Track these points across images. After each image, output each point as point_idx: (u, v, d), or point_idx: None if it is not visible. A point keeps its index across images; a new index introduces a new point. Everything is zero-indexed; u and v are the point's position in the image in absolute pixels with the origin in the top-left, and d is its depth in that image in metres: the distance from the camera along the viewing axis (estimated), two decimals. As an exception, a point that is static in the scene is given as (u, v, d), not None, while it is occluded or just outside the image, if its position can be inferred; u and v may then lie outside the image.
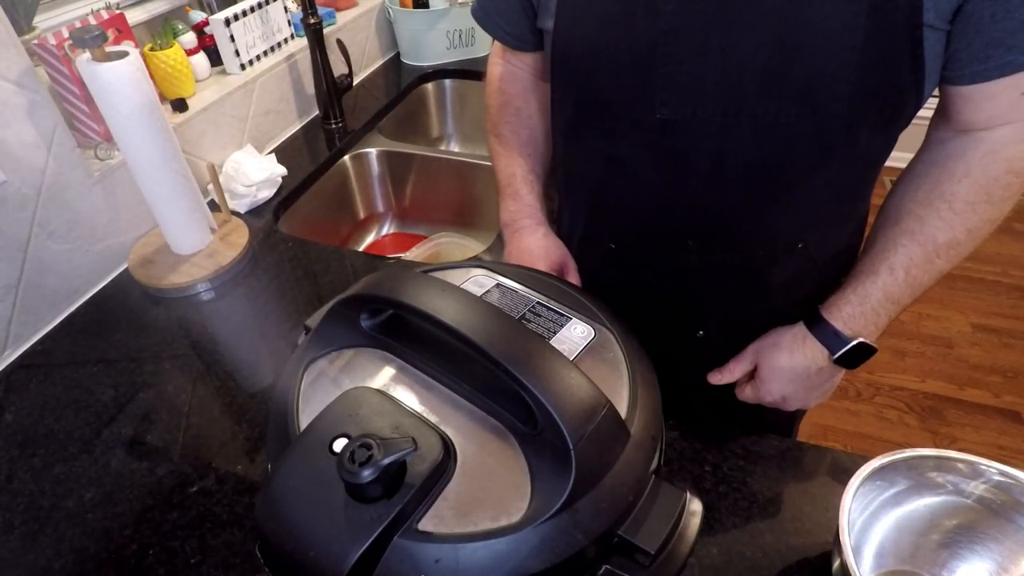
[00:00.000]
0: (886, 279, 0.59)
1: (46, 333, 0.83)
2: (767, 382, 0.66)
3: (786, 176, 0.56)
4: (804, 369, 0.63)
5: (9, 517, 0.62)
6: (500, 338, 0.38)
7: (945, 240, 0.56)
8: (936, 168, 0.57)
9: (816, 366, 0.63)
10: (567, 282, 0.54)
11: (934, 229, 0.57)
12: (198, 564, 0.58)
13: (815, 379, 0.64)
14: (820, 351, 0.62)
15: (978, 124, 0.53)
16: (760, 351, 0.67)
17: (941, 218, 0.56)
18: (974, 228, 0.56)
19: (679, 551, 0.38)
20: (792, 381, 0.65)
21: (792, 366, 0.64)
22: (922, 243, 0.57)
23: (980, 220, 0.55)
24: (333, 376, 0.45)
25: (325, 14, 1.28)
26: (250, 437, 0.69)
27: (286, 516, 0.36)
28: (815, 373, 0.63)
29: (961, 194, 0.55)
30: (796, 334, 0.64)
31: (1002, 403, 1.82)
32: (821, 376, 0.64)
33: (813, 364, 0.63)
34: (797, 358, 0.63)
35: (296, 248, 0.96)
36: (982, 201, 0.55)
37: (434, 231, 1.35)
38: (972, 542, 0.53)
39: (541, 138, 0.76)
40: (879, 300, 0.59)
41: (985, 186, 0.54)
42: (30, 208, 0.79)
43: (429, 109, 1.60)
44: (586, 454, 0.36)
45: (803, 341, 0.63)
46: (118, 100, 0.75)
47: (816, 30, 0.47)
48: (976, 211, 0.55)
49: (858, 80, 0.48)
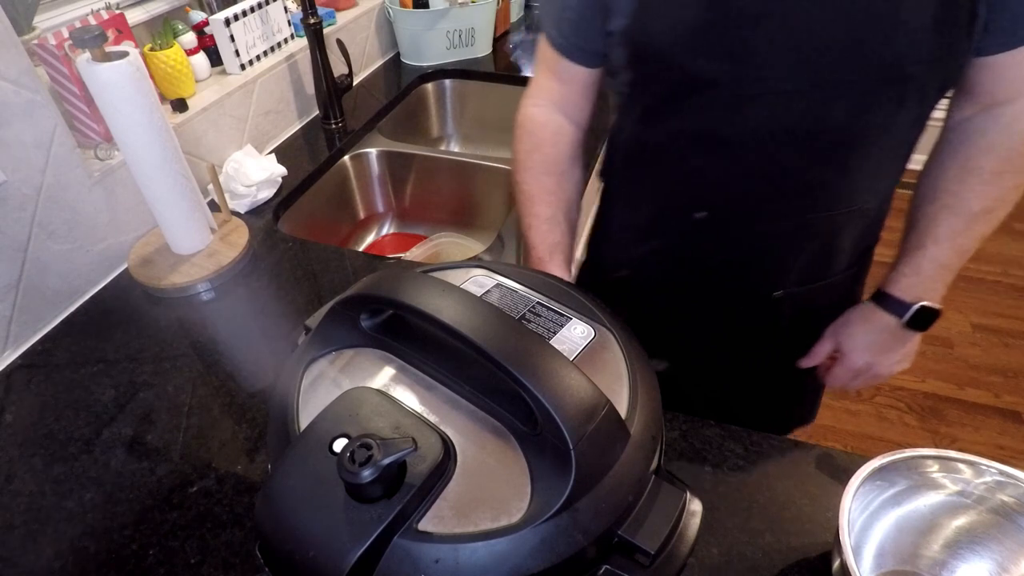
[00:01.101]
0: (933, 250, 0.66)
1: (46, 333, 0.83)
2: (850, 356, 0.75)
3: (868, 139, 0.60)
4: (879, 338, 0.73)
5: (9, 517, 0.62)
6: (500, 338, 0.38)
7: (980, 208, 0.63)
8: (963, 146, 0.63)
9: (889, 333, 0.72)
10: (567, 282, 0.54)
11: (968, 201, 0.63)
12: (198, 564, 0.58)
13: (892, 344, 0.73)
14: (890, 319, 0.71)
15: (1000, 96, 0.59)
16: (837, 332, 0.76)
17: (973, 190, 0.63)
18: (1004, 195, 0.63)
19: (679, 551, 0.38)
20: (870, 349, 0.74)
21: (868, 337, 0.73)
22: (960, 214, 0.64)
23: (1008, 188, 0.62)
24: (333, 376, 0.45)
25: (325, 14, 1.28)
26: (250, 437, 0.69)
27: (286, 516, 0.36)
28: (891, 339, 0.72)
29: (988, 166, 0.62)
30: (864, 310, 0.73)
31: (1002, 403, 1.82)
32: (897, 341, 0.73)
33: (886, 331, 0.72)
34: (871, 330, 0.73)
35: (296, 248, 0.96)
36: (1008, 171, 0.62)
37: (434, 231, 1.35)
38: (972, 542, 0.53)
39: (568, 183, 0.77)
40: (932, 268, 0.67)
41: (1008, 157, 0.61)
42: (30, 208, 0.79)
43: (429, 109, 1.60)
44: (586, 454, 0.36)
45: (872, 314, 0.72)
46: (118, 100, 0.75)
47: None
48: (1003, 180, 0.62)
49: (933, 43, 0.53)
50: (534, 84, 0.77)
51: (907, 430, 1.76)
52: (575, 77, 0.72)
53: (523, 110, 0.77)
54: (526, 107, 0.77)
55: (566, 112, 0.75)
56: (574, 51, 0.70)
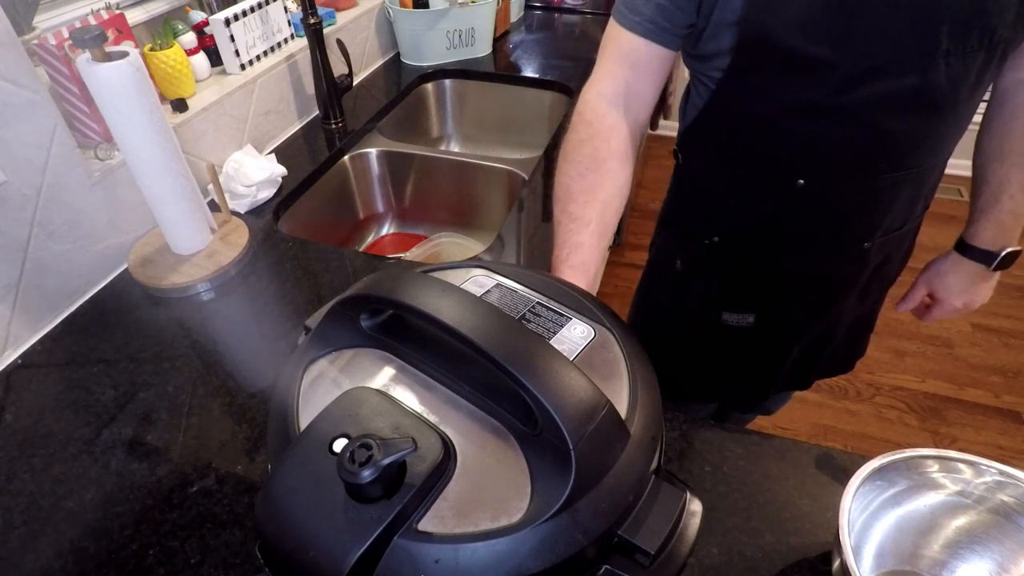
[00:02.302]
0: (1009, 204, 0.76)
1: (46, 333, 0.83)
2: (947, 300, 0.89)
3: (960, 98, 0.66)
4: (971, 283, 0.86)
5: (9, 517, 0.62)
6: (500, 338, 0.38)
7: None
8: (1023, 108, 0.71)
9: (980, 277, 0.85)
10: (567, 282, 0.54)
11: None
12: (198, 564, 0.58)
13: (981, 284, 0.86)
14: (977, 267, 0.84)
15: None
16: (929, 280, 0.91)
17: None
18: None
19: (679, 551, 0.38)
20: (964, 292, 0.87)
21: (961, 284, 0.87)
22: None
23: None
24: (333, 376, 0.45)
25: (325, 14, 1.28)
26: (250, 437, 0.69)
27: (286, 516, 0.36)
28: (980, 281, 0.86)
29: None
30: (953, 260, 0.86)
31: (1002, 403, 1.82)
32: (986, 280, 0.86)
33: (977, 276, 0.85)
34: (963, 277, 0.86)
35: (296, 248, 0.96)
36: None
37: (434, 231, 1.35)
38: (972, 542, 0.53)
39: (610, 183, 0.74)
40: (1010, 220, 0.78)
41: None
42: (30, 208, 0.79)
43: (429, 109, 1.60)
44: (586, 454, 0.36)
45: (961, 263, 0.85)
46: (118, 100, 0.75)
47: None
48: None
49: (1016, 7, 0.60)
50: (600, 71, 0.75)
51: (907, 430, 1.76)
52: (650, 60, 0.72)
53: (585, 95, 0.76)
54: (588, 93, 0.75)
55: (629, 103, 0.74)
56: (657, 32, 0.69)
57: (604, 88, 0.74)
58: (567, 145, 0.75)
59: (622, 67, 0.73)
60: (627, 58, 0.72)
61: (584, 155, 0.73)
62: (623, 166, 0.73)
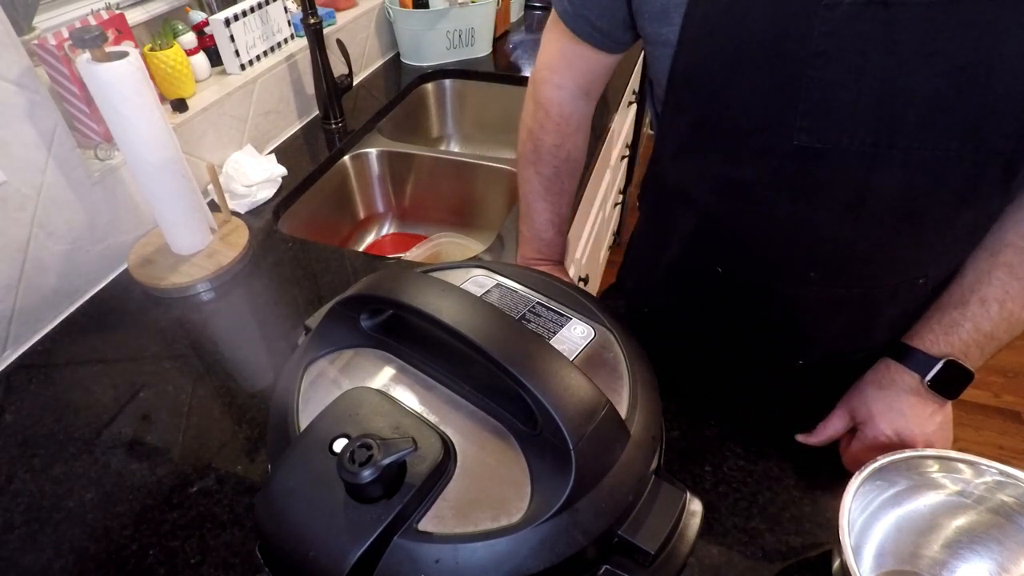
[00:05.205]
0: (976, 310, 0.56)
1: (46, 333, 0.83)
2: (869, 425, 0.61)
3: (931, 212, 0.51)
4: (899, 403, 0.59)
5: (9, 517, 0.62)
6: (500, 338, 0.38)
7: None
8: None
9: (912, 396, 0.59)
10: (567, 282, 0.54)
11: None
12: (198, 564, 0.58)
13: (918, 410, 0.59)
14: (910, 376, 0.59)
15: None
16: (849, 400, 0.64)
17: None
18: None
19: (679, 551, 0.38)
20: (890, 414, 0.60)
21: (886, 399, 0.60)
22: (1022, 277, 0.54)
23: None
24: (333, 376, 0.45)
25: (325, 14, 1.28)
26: (250, 437, 0.69)
27: (286, 516, 0.36)
28: (917, 403, 0.59)
29: None
30: (879, 368, 0.62)
31: (1002, 403, 1.82)
32: (925, 407, 0.59)
33: (908, 394, 0.59)
34: (887, 388, 0.60)
35: (296, 248, 0.96)
36: None
37: (434, 231, 1.35)
38: (972, 542, 0.53)
39: (576, 180, 0.79)
40: (968, 331, 0.56)
41: None
42: (30, 208, 0.79)
43: (429, 109, 1.60)
44: (586, 454, 0.36)
45: (887, 369, 0.61)
46: (118, 100, 0.75)
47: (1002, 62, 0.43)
48: None
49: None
50: (553, 52, 0.70)
51: (907, 430, 1.76)
52: (594, 64, 0.68)
53: (543, 90, 0.71)
54: (549, 81, 0.71)
55: (589, 90, 0.71)
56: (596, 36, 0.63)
57: (563, 80, 0.70)
58: (540, 144, 0.76)
59: (575, 60, 0.69)
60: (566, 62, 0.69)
61: (559, 159, 0.76)
62: (585, 152, 0.78)
